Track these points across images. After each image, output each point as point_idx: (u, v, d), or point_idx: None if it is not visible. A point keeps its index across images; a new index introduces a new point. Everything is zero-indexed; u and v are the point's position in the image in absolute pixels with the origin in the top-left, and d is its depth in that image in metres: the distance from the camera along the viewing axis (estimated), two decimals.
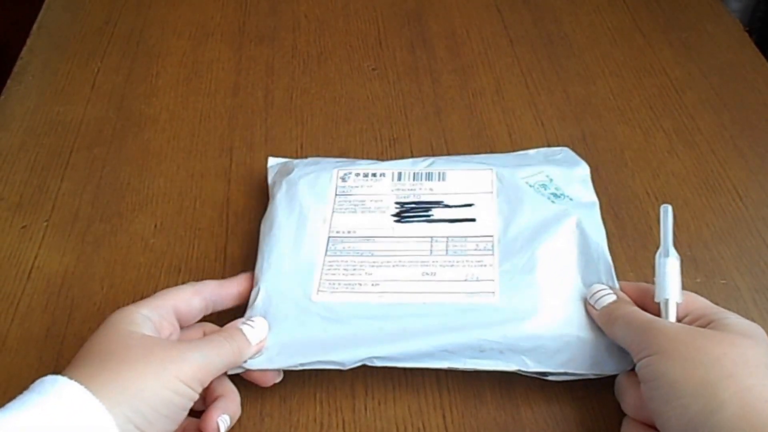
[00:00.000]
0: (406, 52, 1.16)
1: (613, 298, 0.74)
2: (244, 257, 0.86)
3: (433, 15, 1.23)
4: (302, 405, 0.75)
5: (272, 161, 0.94)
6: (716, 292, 0.83)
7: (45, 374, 0.74)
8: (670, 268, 0.73)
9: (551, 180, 0.87)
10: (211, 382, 0.71)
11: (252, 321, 0.74)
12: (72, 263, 0.88)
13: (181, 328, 0.73)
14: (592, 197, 0.87)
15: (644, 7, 1.23)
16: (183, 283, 0.75)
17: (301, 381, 0.76)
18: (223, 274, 0.84)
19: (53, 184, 0.97)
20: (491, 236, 0.82)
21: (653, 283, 0.74)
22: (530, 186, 0.86)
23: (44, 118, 1.05)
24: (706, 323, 0.68)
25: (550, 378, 0.75)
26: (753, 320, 0.67)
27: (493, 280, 0.77)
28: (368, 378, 0.77)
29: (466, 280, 0.78)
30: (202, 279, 0.76)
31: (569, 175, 0.88)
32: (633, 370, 0.70)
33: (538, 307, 0.75)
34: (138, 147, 1.01)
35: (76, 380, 0.60)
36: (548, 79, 1.11)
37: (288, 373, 0.75)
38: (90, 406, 0.59)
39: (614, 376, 0.73)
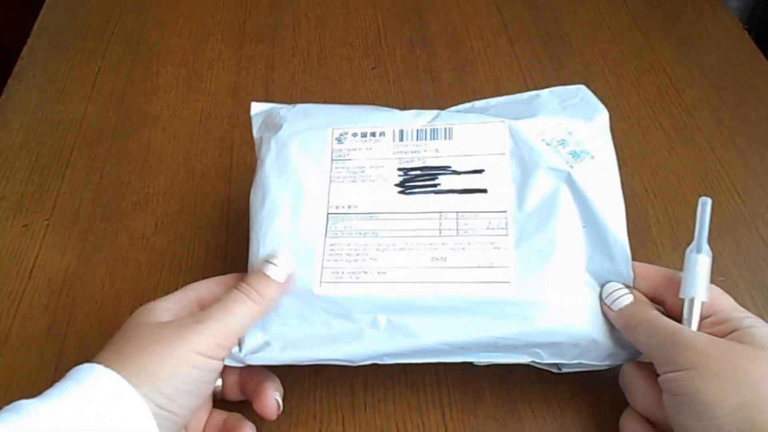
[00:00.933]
0: (406, 51, 1.16)
1: (631, 298, 0.71)
2: (245, 256, 0.86)
3: (433, 13, 1.23)
4: (302, 402, 0.75)
5: (256, 108, 0.87)
6: None
7: (46, 373, 0.75)
8: (701, 265, 0.71)
9: (570, 133, 0.79)
10: (247, 374, 0.72)
11: (274, 259, 0.72)
12: (73, 262, 0.88)
13: None
14: (612, 152, 0.79)
15: (643, 5, 1.23)
16: (184, 281, 0.74)
17: (300, 378, 0.77)
18: (223, 272, 0.83)
19: (54, 183, 0.97)
20: (504, 212, 0.75)
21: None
22: (547, 144, 0.78)
23: (45, 118, 1.05)
24: (730, 330, 0.66)
25: (563, 370, 0.74)
26: None
27: (508, 267, 0.72)
28: (368, 376, 0.77)
29: (479, 267, 0.72)
30: (203, 278, 0.76)
31: (589, 126, 0.80)
32: (640, 362, 0.70)
33: (554, 299, 0.71)
34: (138, 146, 1.01)
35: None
36: (547, 77, 1.11)
37: (288, 371, 0.75)
38: (126, 394, 0.59)
39: (612, 369, 0.73)
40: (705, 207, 0.73)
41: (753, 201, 0.93)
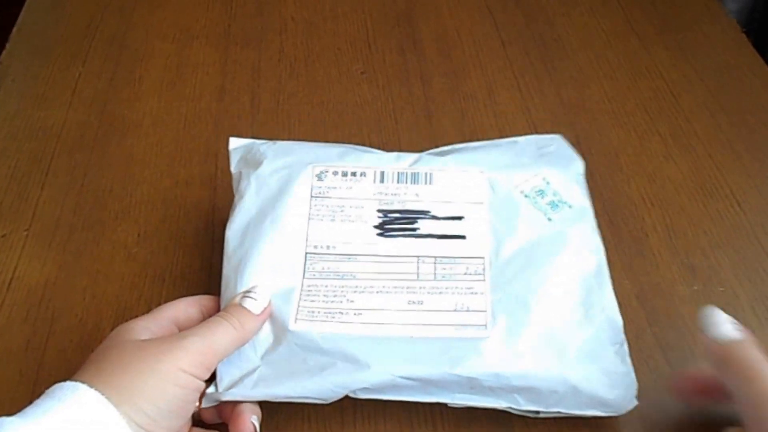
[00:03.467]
0: (396, 55, 1.15)
1: (738, 335, 0.64)
2: None
3: (424, 17, 1.22)
4: (289, 420, 0.73)
5: (234, 143, 0.87)
6: (714, 300, 0.81)
7: (25, 387, 0.74)
8: None
9: (548, 183, 0.81)
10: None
11: (252, 293, 0.72)
12: (53, 273, 0.86)
13: None
14: (587, 201, 0.82)
15: (639, 7, 1.22)
16: (167, 293, 0.76)
17: None
18: (208, 284, 0.83)
19: (34, 191, 0.95)
20: (482, 258, 0.77)
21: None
22: (525, 196, 0.80)
23: (25, 124, 1.03)
24: None
25: (541, 416, 0.73)
26: (752, 329, 0.66)
27: (484, 311, 0.73)
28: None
29: (455, 311, 0.73)
30: (187, 291, 0.76)
31: (566, 175, 0.83)
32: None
33: (531, 343, 0.71)
34: (121, 153, 0.99)
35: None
36: (541, 81, 1.10)
37: None
38: (109, 415, 0.58)
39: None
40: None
41: (753, 209, 0.92)
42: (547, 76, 1.11)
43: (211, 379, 0.69)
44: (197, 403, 0.69)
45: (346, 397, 0.72)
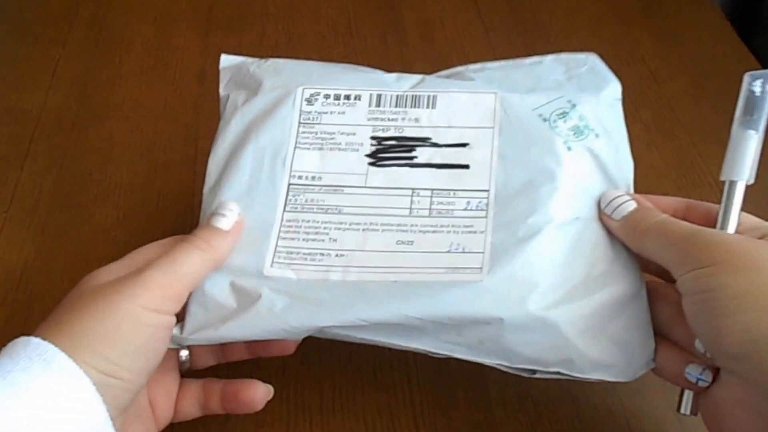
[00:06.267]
0: (378, 40, 1.14)
1: (634, 204, 0.65)
2: None
3: (407, 2, 1.21)
4: (268, 403, 0.71)
5: (225, 61, 0.81)
6: None
7: None
8: (747, 142, 0.66)
9: (574, 106, 0.71)
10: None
11: (221, 209, 0.67)
12: (31, 256, 0.86)
13: None
14: (623, 131, 0.73)
15: None
16: None
17: (267, 378, 0.72)
18: None
19: (12, 174, 0.94)
20: (486, 191, 0.67)
21: None
22: (544, 120, 0.70)
23: (3, 106, 1.03)
24: (759, 236, 0.60)
25: (537, 376, 0.65)
26: None
27: (482, 253, 0.64)
28: (336, 376, 0.75)
29: (449, 252, 0.65)
30: None
31: (597, 99, 0.73)
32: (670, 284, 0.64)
33: (531, 294, 0.62)
34: (100, 136, 0.99)
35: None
36: None
37: (251, 372, 0.72)
38: (64, 366, 0.54)
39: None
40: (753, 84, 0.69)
41: None
42: None
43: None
44: (184, 354, 0.67)
45: (326, 379, 0.74)
